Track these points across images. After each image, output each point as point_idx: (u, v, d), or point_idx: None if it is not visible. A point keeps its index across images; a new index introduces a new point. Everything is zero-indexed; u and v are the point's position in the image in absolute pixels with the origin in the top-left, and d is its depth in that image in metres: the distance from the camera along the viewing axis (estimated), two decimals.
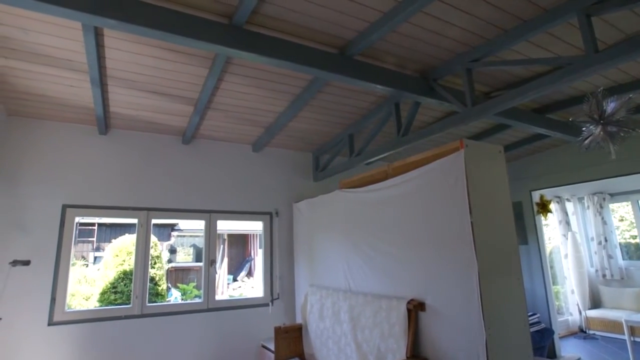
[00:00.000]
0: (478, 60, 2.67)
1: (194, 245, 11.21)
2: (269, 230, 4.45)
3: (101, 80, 2.83)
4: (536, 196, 5.21)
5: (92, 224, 10.12)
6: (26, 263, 3.14)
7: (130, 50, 2.55)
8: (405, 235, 2.72)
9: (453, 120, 2.95)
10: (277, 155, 4.64)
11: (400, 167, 2.89)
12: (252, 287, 9.32)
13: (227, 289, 9.31)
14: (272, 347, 3.70)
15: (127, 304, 3.75)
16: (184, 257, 11.05)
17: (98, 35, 2.35)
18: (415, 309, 2.53)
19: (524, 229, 5.13)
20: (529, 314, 2.42)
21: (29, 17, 2.18)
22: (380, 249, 2.96)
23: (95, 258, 9.81)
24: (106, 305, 6.02)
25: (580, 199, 6.48)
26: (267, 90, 3.16)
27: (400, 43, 2.59)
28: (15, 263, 3.08)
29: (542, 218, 5.25)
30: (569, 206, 6.39)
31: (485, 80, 3.07)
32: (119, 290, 6.38)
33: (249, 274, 10.35)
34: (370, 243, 3.07)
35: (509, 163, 2.46)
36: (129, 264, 6.46)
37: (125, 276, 6.43)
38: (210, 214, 4.15)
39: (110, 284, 6.44)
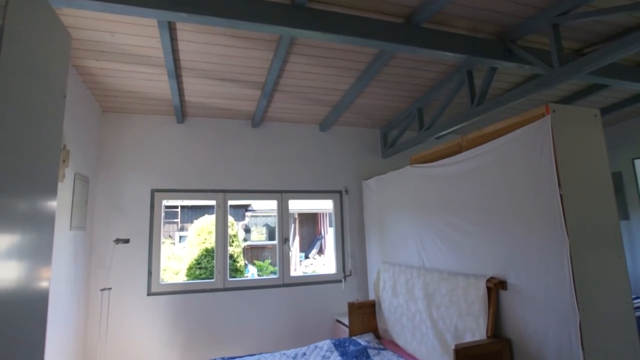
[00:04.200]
0: (567, 12, 2.35)
1: (266, 225, 11.79)
2: (339, 208, 4.50)
3: (176, 72, 3.02)
4: None
5: (176, 207, 11.09)
6: (126, 241, 3.55)
7: (199, 41, 2.67)
8: (483, 211, 2.56)
9: (536, 84, 2.67)
10: (345, 133, 4.62)
11: (476, 138, 2.70)
12: (323, 264, 9.59)
13: (299, 266, 9.69)
14: (346, 322, 3.80)
15: (210, 279, 4.08)
16: (258, 236, 11.68)
17: (171, 29, 2.49)
18: (496, 287, 2.40)
19: (625, 202, 4.55)
20: (633, 297, 2.17)
21: (114, 20, 2.37)
22: (456, 225, 2.84)
23: (180, 237, 10.78)
24: (193, 280, 6.63)
25: None
26: (332, 68, 3.12)
27: (472, 4, 2.37)
28: (117, 241, 3.50)
29: None
30: None
31: (576, 35, 2.71)
32: (202, 266, 6.98)
33: (320, 251, 10.65)
34: (445, 219, 2.96)
35: (606, 128, 2.16)
36: (210, 242, 7.00)
37: (208, 253, 6.99)
38: (282, 194, 4.30)
39: (195, 260, 7.06)
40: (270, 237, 11.27)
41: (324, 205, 9.54)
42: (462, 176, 2.78)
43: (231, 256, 7.05)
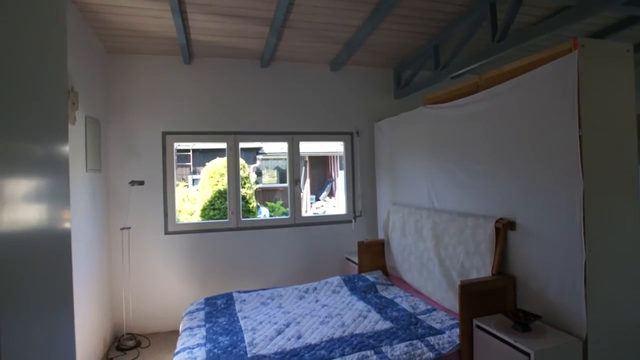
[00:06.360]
0: None
1: (277, 168, 11.89)
2: (350, 150, 4.48)
3: (180, 8, 2.86)
4: None
5: (188, 150, 11.16)
6: (141, 183, 3.63)
7: None
8: (497, 152, 2.53)
9: (565, 17, 2.48)
10: (356, 73, 4.45)
11: (495, 77, 2.58)
12: (334, 206, 9.79)
13: (310, 207, 9.91)
14: (355, 259, 3.95)
15: (224, 219, 4.22)
16: (269, 179, 11.84)
17: None
18: (505, 227, 2.44)
19: None
20: None
21: None
22: (468, 166, 2.82)
23: (193, 180, 10.98)
24: (207, 220, 6.86)
25: None
26: (344, 1, 2.92)
27: None
28: (133, 183, 3.58)
29: None
30: None
31: None
32: (216, 207, 7.17)
33: (331, 194, 10.83)
34: (457, 161, 2.93)
35: (637, 68, 2.03)
36: (222, 184, 7.13)
37: (221, 195, 7.15)
38: (292, 136, 4.27)
39: (209, 201, 7.24)
40: (281, 179, 11.42)
41: (335, 148, 9.52)
42: (478, 117, 2.70)
43: (243, 198, 7.21)
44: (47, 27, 0.97)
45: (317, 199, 10.65)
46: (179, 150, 10.53)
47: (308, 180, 10.84)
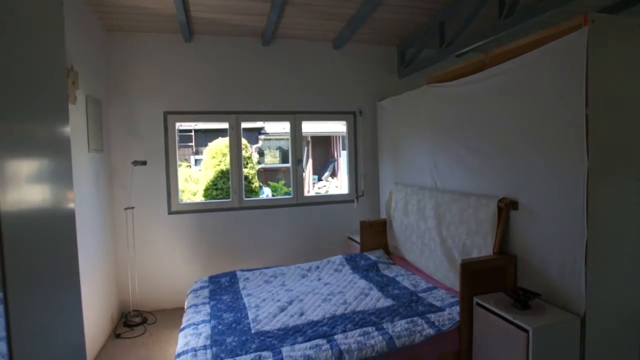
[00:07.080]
0: None
1: (279, 148, 11.85)
2: (353, 129, 4.45)
3: None
4: None
5: (190, 131, 11.10)
6: (143, 163, 3.63)
7: None
8: (501, 132, 2.50)
9: None
10: (359, 51, 4.37)
11: (501, 54, 2.52)
12: (336, 186, 9.81)
13: (313, 187, 9.94)
14: (358, 239, 3.99)
15: (227, 199, 4.24)
16: (271, 160, 11.82)
17: None
18: (507, 207, 2.44)
19: None
20: None
21: None
22: (471, 146, 2.79)
23: (195, 161, 10.97)
24: (210, 200, 6.90)
25: None
26: None
27: None
28: (135, 163, 3.58)
29: None
30: None
31: None
32: (219, 187, 7.19)
33: (333, 174, 10.83)
34: (461, 140, 2.91)
35: None
36: (225, 164, 7.13)
37: (223, 175, 7.16)
38: (294, 115, 4.24)
39: (211, 181, 7.26)
40: (284, 160, 11.40)
41: (337, 128, 9.46)
42: (482, 95, 2.66)
43: (246, 177, 7.21)
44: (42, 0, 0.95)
45: (320, 179, 10.67)
46: (181, 131, 10.48)
47: (310, 160, 10.82)
